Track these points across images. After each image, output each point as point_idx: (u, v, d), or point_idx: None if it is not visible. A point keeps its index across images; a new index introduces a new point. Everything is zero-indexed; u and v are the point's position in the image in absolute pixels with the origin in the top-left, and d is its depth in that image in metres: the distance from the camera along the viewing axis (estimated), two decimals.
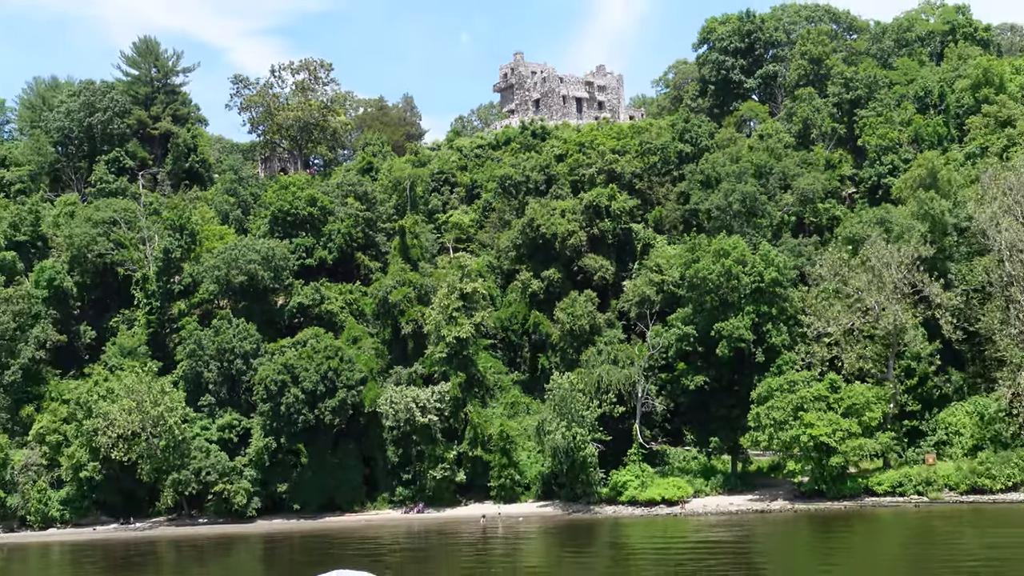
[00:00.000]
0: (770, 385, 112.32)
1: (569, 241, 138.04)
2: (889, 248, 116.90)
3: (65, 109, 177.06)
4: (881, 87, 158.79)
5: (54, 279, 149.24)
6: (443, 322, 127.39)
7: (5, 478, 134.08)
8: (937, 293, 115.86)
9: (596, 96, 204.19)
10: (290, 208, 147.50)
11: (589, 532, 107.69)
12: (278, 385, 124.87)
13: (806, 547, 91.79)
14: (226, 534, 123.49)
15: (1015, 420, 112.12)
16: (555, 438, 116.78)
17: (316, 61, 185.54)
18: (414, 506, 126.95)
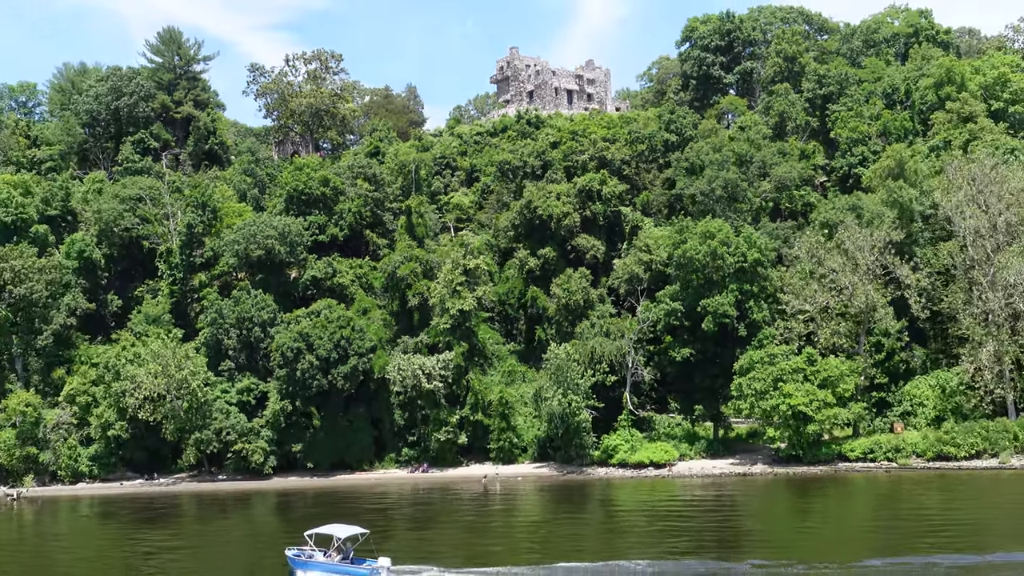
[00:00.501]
0: (752, 358, 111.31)
1: (564, 222, 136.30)
2: (863, 233, 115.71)
3: (94, 93, 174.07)
4: (851, 84, 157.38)
5: (84, 251, 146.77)
6: (447, 295, 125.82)
7: (38, 436, 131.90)
8: (907, 275, 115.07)
9: (585, 88, 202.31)
10: (304, 188, 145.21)
11: (583, 491, 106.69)
12: (294, 352, 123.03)
13: (786, 507, 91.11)
14: (244, 490, 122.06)
15: (976, 393, 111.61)
16: (552, 404, 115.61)
17: (327, 52, 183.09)
18: (419, 466, 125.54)
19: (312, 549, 63.73)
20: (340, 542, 63.24)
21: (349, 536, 63.56)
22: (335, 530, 63.83)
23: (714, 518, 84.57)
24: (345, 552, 63.09)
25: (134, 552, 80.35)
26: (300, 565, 62.77)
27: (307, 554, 63.42)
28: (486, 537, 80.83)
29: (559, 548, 70.16)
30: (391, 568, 59.93)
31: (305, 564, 62.72)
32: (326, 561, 62.39)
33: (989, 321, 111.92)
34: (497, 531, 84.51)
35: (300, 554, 63.70)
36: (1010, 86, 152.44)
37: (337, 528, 64.17)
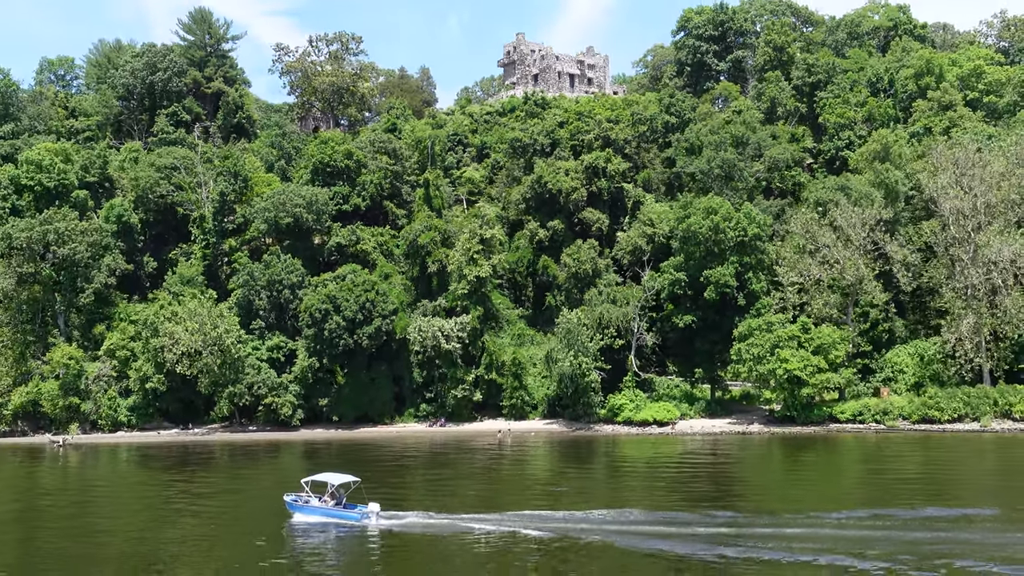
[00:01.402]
0: (750, 325, 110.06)
1: (572, 196, 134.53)
2: (855, 211, 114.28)
3: (130, 68, 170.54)
4: (838, 73, 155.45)
5: (122, 215, 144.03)
6: (465, 263, 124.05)
7: (80, 387, 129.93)
8: (895, 250, 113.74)
9: (586, 73, 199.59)
10: (329, 160, 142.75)
11: (593, 446, 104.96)
12: (322, 313, 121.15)
13: (786, 462, 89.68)
14: (273, 440, 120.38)
15: (956, 362, 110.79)
16: (563, 366, 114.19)
17: (348, 34, 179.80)
18: (436, 421, 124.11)
19: (308, 495, 64.07)
20: (334, 488, 63.41)
21: (342, 483, 63.58)
22: (329, 478, 64.03)
23: (721, 471, 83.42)
24: (338, 498, 63.26)
25: (178, 494, 78.83)
26: (297, 509, 63.25)
27: (303, 499, 63.87)
28: (498, 485, 79.29)
29: (570, 497, 68.71)
30: (379, 513, 60.24)
31: (301, 508, 63.14)
32: (320, 505, 63.02)
33: (969, 295, 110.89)
34: (511, 480, 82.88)
35: (297, 499, 63.96)
36: (985, 77, 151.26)
37: (331, 476, 64.41)
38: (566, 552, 52.61)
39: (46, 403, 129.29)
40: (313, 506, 63.13)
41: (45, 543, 59.99)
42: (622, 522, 57.34)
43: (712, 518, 57.94)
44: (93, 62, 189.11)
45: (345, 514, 61.60)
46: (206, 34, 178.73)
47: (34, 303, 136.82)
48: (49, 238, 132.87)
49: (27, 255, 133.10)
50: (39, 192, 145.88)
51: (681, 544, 51.69)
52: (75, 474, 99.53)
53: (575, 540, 54.21)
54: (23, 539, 62.53)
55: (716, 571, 47.57)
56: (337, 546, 57.21)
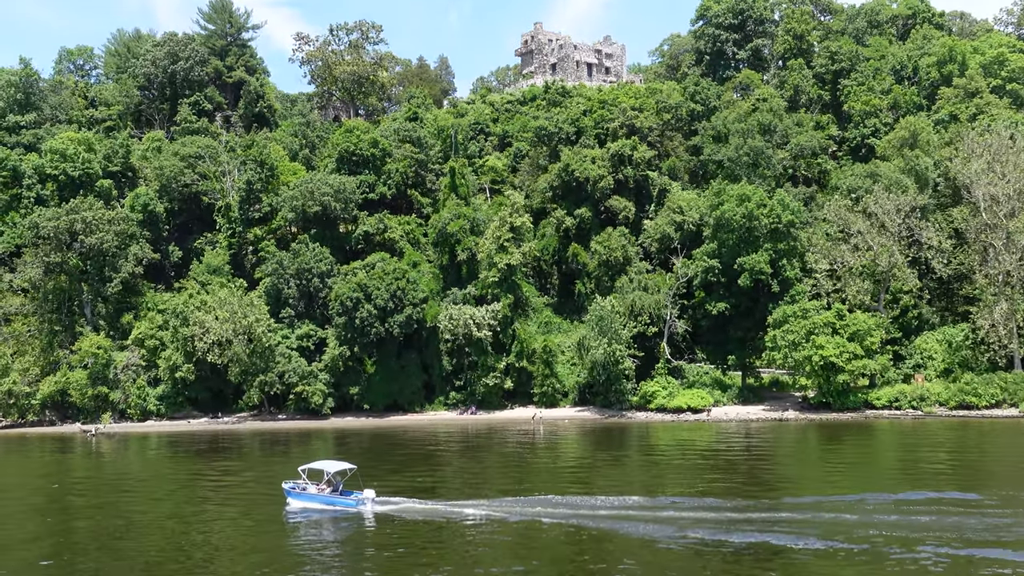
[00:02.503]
0: (785, 312, 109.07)
1: (600, 184, 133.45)
2: (890, 197, 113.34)
3: (151, 57, 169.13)
4: (860, 61, 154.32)
5: (148, 204, 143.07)
6: (495, 250, 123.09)
7: (108, 376, 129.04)
8: (931, 236, 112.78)
9: (604, 62, 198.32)
10: (355, 149, 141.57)
11: (629, 432, 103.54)
12: (353, 301, 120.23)
13: (830, 448, 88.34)
14: (304, 428, 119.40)
15: (988, 348, 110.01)
16: (596, 353, 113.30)
17: (368, 23, 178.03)
18: (467, 408, 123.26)
19: (305, 482, 64.19)
20: (330, 475, 63.75)
21: (338, 471, 63.88)
22: (326, 465, 64.20)
23: (767, 458, 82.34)
24: (335, 485, 63.56)
25: (214, 483, 77.89)
26: (295, 496, 63.73)
27: (300, 486, 64.07)
28: (540, 472, 77.76)
29: (617, 485, 67.70)
30: (375, 499, 60.46)
31: (299, 495, 63.60)
32: (317, 492, 63.28)
33: (1002, 281, 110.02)
34: (552, 467, 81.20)
35: (295, 486, 64.39)
36: (1008, 65, 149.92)
37: (328, 464, 64.58)
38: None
39: (74, 393, 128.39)
40: (310, 493, 63.53)
41: (99, 536, 58.79)
42: (661, 508, 56.47)
43: (762, 503, 57.03)
44: (112, 52, 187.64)
45: (341, 500, 62.07)
46: (227, 23, 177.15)
47: (60, 293, 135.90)
48: (76, 227, 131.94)
49: (54, 244, 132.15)
50: (63, 181, 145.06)
51: (734, 533, 50.49)
52: (113, 464, 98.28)
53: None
54: (70, 529, 61.47)
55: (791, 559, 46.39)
56: (333, 531, 57.41)
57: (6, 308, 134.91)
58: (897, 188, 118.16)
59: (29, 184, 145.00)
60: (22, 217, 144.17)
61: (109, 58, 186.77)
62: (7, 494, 75.46)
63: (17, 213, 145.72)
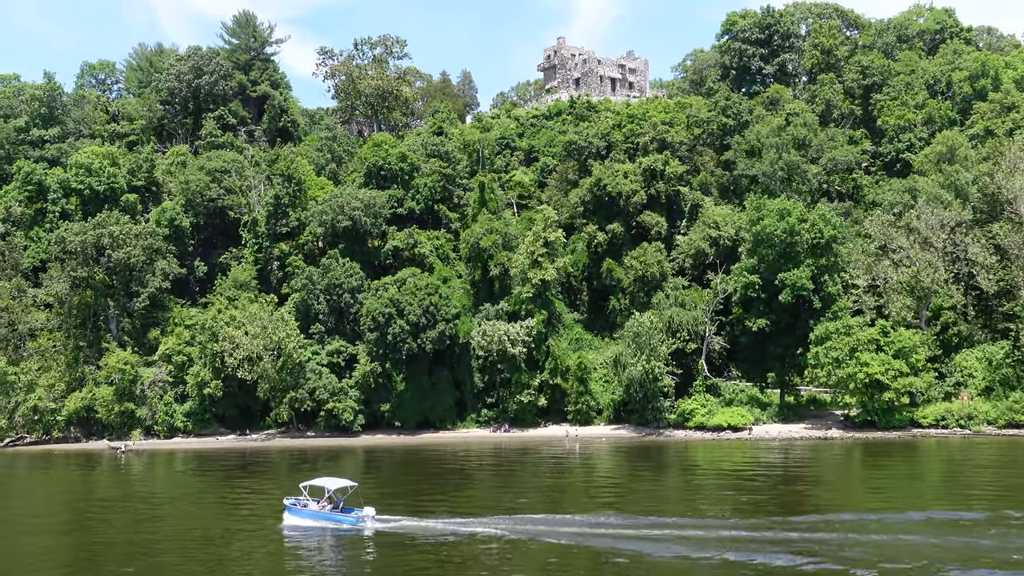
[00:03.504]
0: (827, 328, 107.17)
1: (633, 199, 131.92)
2: (934, 212, 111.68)
3: (175, 71, 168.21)
4: (893, 75, 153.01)
5: (174, 219, 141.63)
6: (528, 265, 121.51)
7: (135, 392, 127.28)
8: (977, 252, 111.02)
9: (627, 77, 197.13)
10: (383, 163, 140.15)
11: (669, 452, 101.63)
12: (385, 317, 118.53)
13: (883, 467, 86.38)
14: (334, 446, 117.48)
15: None
16: (633, 370, 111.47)
17: (392, 38, 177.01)
18: (501, 426, 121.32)
19: (306, 499, 64.72)
20: (331, 493, 64.18)
21: (339, 488, 64.20)
22: (327, 482, 64.76)
23: (820, 478, 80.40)
24: (335, 502, 63.95)
25: (249, 503, 76.07)
26: (296, 512, 63.99)
27: (302, 503, 64.49)
28: (577, 492, 76.11)
29: (667, 505, 65.94)
30: (375, 516, 61.00)
31: (300, 512, 63.81)
32: (318, 509, 63.58)
33: None
34: (598, 487, 79.20)
35: (296, 503, 64.75)
36: None
37: (329, 481, 65.22)
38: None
39: (100, 409, 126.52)
40: (311, 510, 63.72)
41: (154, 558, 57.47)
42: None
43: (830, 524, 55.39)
44: (133, 66, 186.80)
45: (341, 517, 62.42)
46: (251, 37, 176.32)
47: (86, 308, 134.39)
48: (103, 242, 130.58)
49: (80, 259, 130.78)
50: (88, 196, 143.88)
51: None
52: (149, 481, 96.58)
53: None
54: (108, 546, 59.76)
55: None
56: (333, 549, 57.49)
57: (31, 323, 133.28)
58: (935, 203, 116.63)
59: (54, 198, 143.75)
60: (46, 232, 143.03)
61: (131, 73, 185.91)
62: (56, 517, 73.70)
63: (41, 228, 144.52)
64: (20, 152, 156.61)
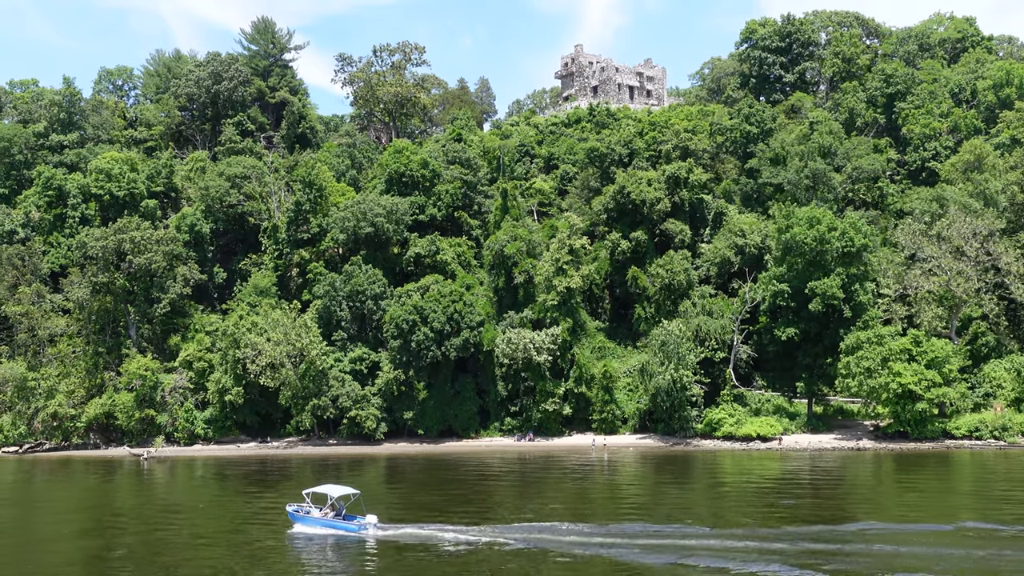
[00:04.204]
0: (859, 338, 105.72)
1: (657, 207, 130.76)
2: (967, 220, 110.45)
3: (194, 77, 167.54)
4: (917, 84, 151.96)
5: (195, 225, 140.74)
6: (553, 273, 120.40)
7: (156, 399, 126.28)
8: (1010, 262, 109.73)
9: (645, 85, 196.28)
10: (405, 170, 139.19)
11: (699, 462, 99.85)
12: (409, 324, 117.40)
13: (922, 480, 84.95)
14: (356, 454, 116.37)
15: None
16: (660, 379, 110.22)
17: (411, 44, 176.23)
18: (525, 435, 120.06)
19: (309, 506, 64.94)
20: (334, 500, 64.41)
21: (342, 495, 64.47)
22: (329, 490, 64.90)
23: (857, 489, 79.02)
24: (338, 509, 64.36)
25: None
26: (299, 519, 64.41)
27: (304, 510, 64.84)
28: (608, 503, 74.85)
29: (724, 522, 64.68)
30: (377, 524, 61.19)
31: (303, 518, 64.20)
32: (320, 516, 63.91)
33: None
34: (633, 499, 78.00)
35: (299, 509, 65.09)
36: None
37: (331, 488, 65.25)
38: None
39: (120, 415, 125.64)
40: (314, 517, 63.96)
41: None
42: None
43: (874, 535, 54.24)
44: (151, 72, 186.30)
45: (343, 524, 62.55)
46: (269, 43, 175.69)
47: (105, 314, 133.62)
48: (125, 247, 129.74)
49: (101, 265, 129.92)
50: (107, 201, 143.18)
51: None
52: (176, 490, 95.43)
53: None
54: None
55: None
56: (334, 555, 57.32)
57: (51, 329, 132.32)
58: (964, 212, 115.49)
59: (74, 204, 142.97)
60: (65, 237, 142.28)
61: (148, 78, 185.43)
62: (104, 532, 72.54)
63: (60, 233, 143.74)
64: (39, 157, 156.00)
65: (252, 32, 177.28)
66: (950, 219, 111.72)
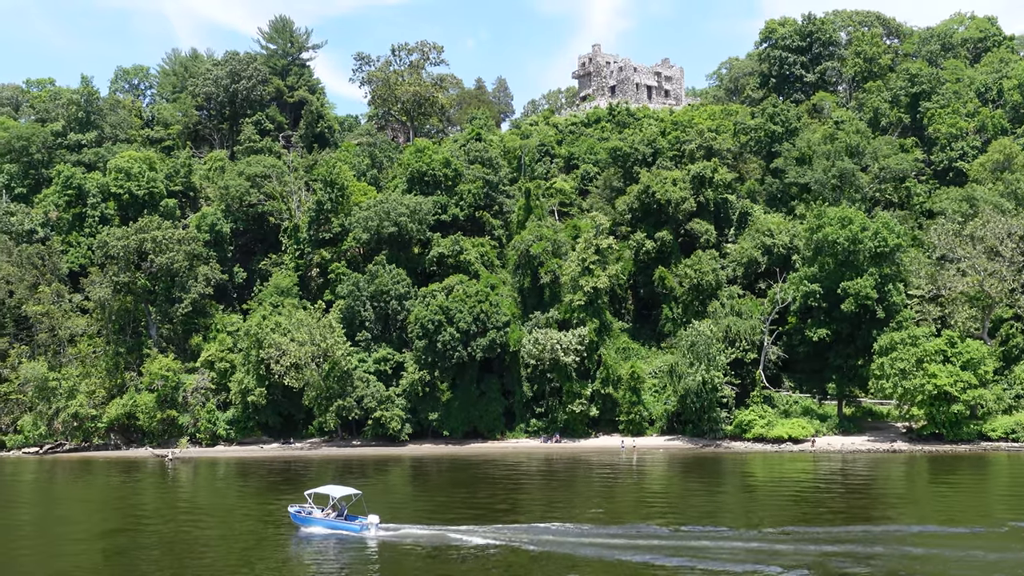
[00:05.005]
0: (892, 339, 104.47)
1: (682, 207, 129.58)
2: (1003, 220, 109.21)
3: (213, 76, 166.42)
4: (941, 84, 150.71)
5: (215, 224, 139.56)
6: (579, 273, 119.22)
7: (178, 400, 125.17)
8: None
9: (663, 85, 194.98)
10: (427, 169, 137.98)
11: (736, 464, 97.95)
12: (435, 324, 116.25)
13: (964, 482, 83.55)
14: (381, 455, 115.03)
15: None
16: (689, 380, 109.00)
17: (429, 44, 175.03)
18: (551, 436, 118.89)
19: (311, 507, 64.82)
20: (335, 501, 64.30)
21: (343, 496, 64.47)
22: (331, 490, 64.92)
23: (903, 492, 77.73)
24: (340, 510, 64.22)
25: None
26: (300, 520, 64.28)
27: (306, 511, 64.67)
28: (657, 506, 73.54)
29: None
30: (379, 524, 61.11)
31: (304, 519, 64.07)
32: (322, 517, 63.74)
33: None
34: (665, 501, 76.68)
35: (301, 510, 64.93)
36: None
37: (333, 488, 65.31)
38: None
39: (142, 416, 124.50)
40: (315, 517, 63.80)
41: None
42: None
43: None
44: (167, 72, 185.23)
45: (345, 525, 62.46)
46: (288, 42, 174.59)
47: (126, 313, 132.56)
48: (146, 247, 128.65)
49: (122, 264, 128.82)
50: (126, 200, 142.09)
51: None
52: (204, 491, 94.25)
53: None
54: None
55: None
56: (336, 555, 56.89)
57: (72, 329, 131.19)
58: (996, 211, 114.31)
59: (94, 203, 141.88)
60: (85, 237, 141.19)
61: (164, 78, 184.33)
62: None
63: (79, 233, 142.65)
64: (57, 156, 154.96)
65: (270, 31, 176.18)
66: (984, 219, 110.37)
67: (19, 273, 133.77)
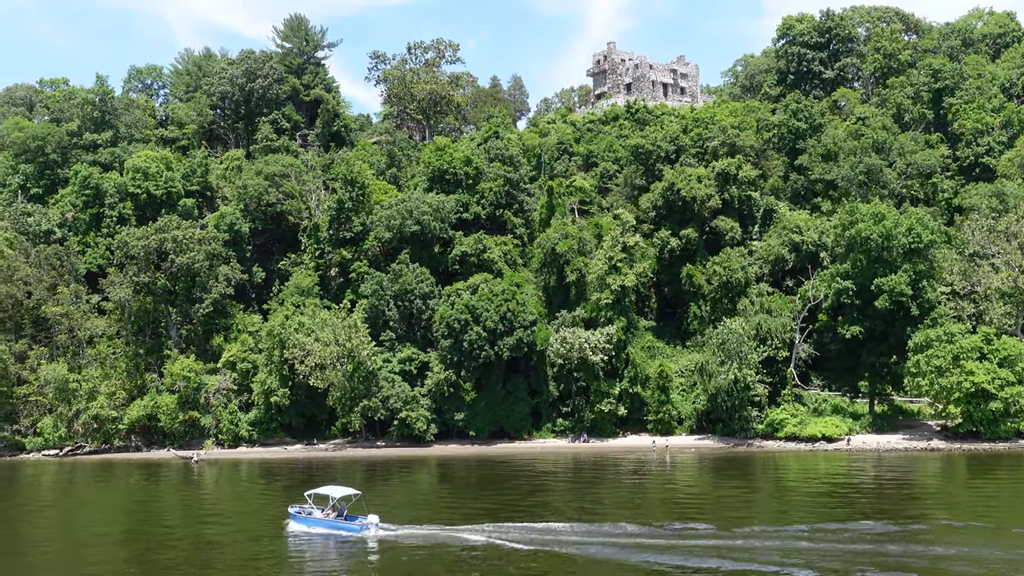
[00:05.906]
0: (928, 336, 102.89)
1: (708, 204, 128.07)
2: None
3: (228, 75, 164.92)
4: (964, 79, 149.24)
5: (234, 224, 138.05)
6: (606, 271, 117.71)
7: (199, 401, 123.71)
8: None
9: (679, 82, 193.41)
10: (448, 167, 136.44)
11: (771, 463, 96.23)
12: (461, 323, 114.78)
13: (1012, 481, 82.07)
14: (407, 456, 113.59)
15: None
16: (721, 379, 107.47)
17: (445, 42, 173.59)
18: (579, 436, 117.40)
19: (311, 507, 65.03)
20: (335, 501, 64.49)
21: (343, 496, 64.65)
22: (331, 491, 65.11)
23: (959, 495, 76.09)
24: (339, 510, 64.41)
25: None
26: (301, 520, 64.47)
27: (306, 511, 64.93)
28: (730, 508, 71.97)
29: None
30: (378, 524, 61.08)
31: (305, 520, 64.26)
32: (322, 517, 63.92)
33: None
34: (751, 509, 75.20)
35: (301, 511, 65.16)
36: None
37: (333, 489, 65.53)
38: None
39: (164, 417, 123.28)
40: (316, 518, 64.00)
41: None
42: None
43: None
44: (180, 71, 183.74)
45: (345, 525, 62.58)
46: (303, 41, 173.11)
47: (145, 314, 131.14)
48: (166, 247, 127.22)
49: (142, 264, 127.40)
50: (144, 200, 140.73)
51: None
52: (232, 492, 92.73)
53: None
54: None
55: None
56: (337, 555, 57.16)
57: (91, 330, 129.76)
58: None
59: (111, 203, 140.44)
60: (103, 237, 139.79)
61: (177, 77, 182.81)
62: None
63: (97, 233, 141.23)
64: (72, 156, 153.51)
65: (285, 30, 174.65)
66: (1019, 214, 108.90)
67: (37, 274, 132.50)
